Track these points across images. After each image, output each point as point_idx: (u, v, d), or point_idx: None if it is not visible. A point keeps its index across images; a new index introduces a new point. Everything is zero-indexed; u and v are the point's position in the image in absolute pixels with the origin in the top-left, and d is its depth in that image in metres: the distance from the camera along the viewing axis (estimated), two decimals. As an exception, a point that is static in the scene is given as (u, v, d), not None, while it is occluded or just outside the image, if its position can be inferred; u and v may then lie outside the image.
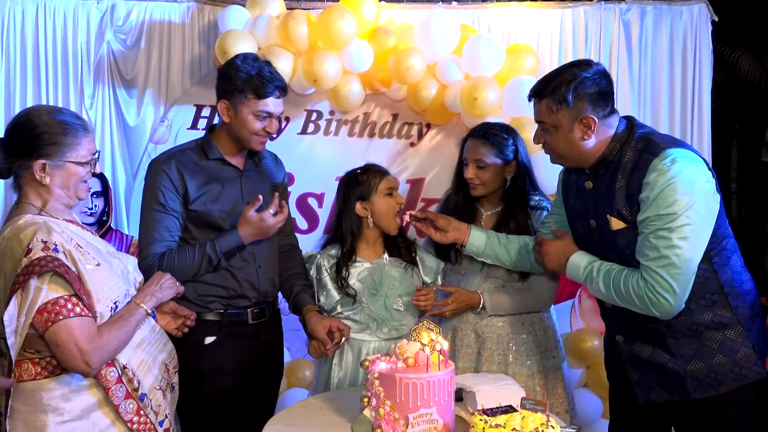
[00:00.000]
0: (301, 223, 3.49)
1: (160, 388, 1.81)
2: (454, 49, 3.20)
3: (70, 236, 1.70)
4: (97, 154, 1.82)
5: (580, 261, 1.96)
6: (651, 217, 1.78)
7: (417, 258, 2.43)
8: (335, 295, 2.33)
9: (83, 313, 1.62)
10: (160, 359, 1.84)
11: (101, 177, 3.38)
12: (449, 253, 2.47)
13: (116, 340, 1.68)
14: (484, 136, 2.38)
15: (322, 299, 2.34)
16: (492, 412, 1.59)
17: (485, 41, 3.18)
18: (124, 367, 1.72)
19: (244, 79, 2.12)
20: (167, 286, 1.91)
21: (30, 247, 1.60)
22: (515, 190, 2.41)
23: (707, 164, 1.86)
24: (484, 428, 1.50)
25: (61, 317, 1.59)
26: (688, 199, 1.75)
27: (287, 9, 3.30)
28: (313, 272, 2.37)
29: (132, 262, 1.93)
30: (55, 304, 1.59)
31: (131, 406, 1.72)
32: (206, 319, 2.17)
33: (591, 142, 1.89)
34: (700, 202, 1.77)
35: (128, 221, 3.46)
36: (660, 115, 3.48)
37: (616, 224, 1.88)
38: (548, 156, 2.98)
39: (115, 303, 1.74)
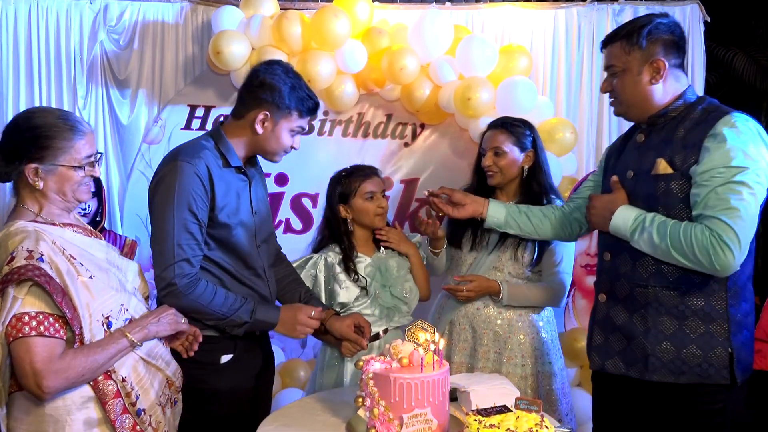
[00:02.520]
0: (296, 223, 3.49)
1: (160, 404, 1.74)
2: (448, 49, 3.21)
3: (63, 246, 1.63)
4: (96, 157, 1.74)
5: (629, 212, 1.86)
6: (719, 168, 1.70)
7: None
8: (355, 288, 2.33)
9: (47, 333, 1.53)
10: (163, 374, 1.77)
11: (95, 177, 3.36)
12: (461, 241, 2.48)
13: (81, 367, 1.55)
14: (502, 126, 2.46)
15: (341, 295, 2.33)
16: (486, 413, 1.59)
17: (479, 42, 3.19)
18: (123, 380, 1.64)
19: (294, 95, 2.00)
20: (166, 321, 1.78)
21: (14, 254, 1.55)
22: (532, 181, 2.44)
23: None
24: (478, 428, 1.50)
25: (21, 335, 1.50)
26: (759, 157, 1.71)
27: (281, 9, 3.30)
28: (321, 272, 2.37)
29: (133, 268, 1.84)
30: (19, 319, 1.51)
31: (128, 421, 1.64)
32: (221, 337, 2.03)
33: (659, 88, 1.85)
34: (767, 168, 1.73)
35: (122, 221, 3.45)
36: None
37: (664, 168, 1.82)
38: (557, 158, 2.94)
39: (107, 318, 1.65)
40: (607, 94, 1.98)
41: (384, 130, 3.50)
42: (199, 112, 3.46)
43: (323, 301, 2.34)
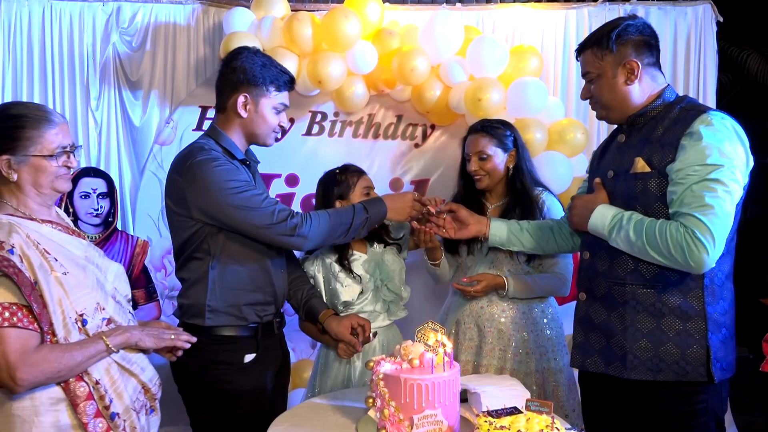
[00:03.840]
0: (306, 223, 3.50)
1: (135, 410, 1.70)
2: (458, 50, 3.20)
3: (38, 240, 1.61)
4: (72, 148, 1.70)
5: (607, 210, 1.87)
6: (694, 166, 1.72)
7: (391, 231, 2.52)
8: (356, 286, 2.34)
9: (21, 324, 1.51)
10: (137, 380, 1.73)
11: (107, 178, 3.39)
12: (458, 247, 2.52)
13: (56, 363, 1.53)
14: (483, 130, 2.50)
15: (344, 293, 2.34)
16: (497, 414, 1.58)
17: (489, 42, 3.18)
18: (97, 383, 1.62)
19: (266, 71, 2.04)
20: (152, 333, 1.75)
21: None
22: (517, 179, 2.49)
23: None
24: (489, 429, 1.49)
25: None
26: (735, 155, 1.73)
27: (291, 10, 3.30)
28: (318, 272, 2.38)
29: (114, 269, 1.80)
30: None
31: (101, 425, 1.61)
32: (243, 337, 2.06)
33: (635, 88, 1.88)
34: (742, 166, 1.76)
35: (134, 222, 3.46)
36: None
37: (642, 167, 1.84)
38: (551, 157, 2.98)
39: (81, 315, 1.62)
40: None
41: (394, 131, 3.50)
42: (211, 113, 3.47)
43: (324, 300, 2.35)
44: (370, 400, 1.72)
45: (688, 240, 1.70)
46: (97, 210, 3.00)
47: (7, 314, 1.51)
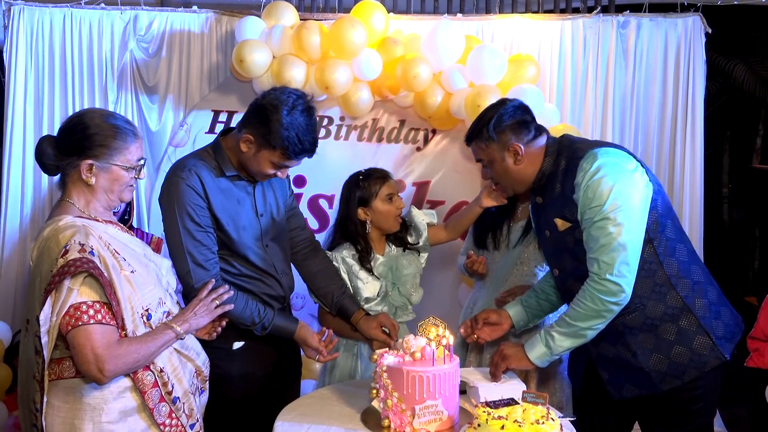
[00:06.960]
0: (313, 223, 3.50)
1: (192, 393, 1.75)
2: (459, 58, 3.20)
3: (108, 241, 1.64)
4: (143, 161, 1.75)
5: (533, 344, 1.91)
6: (585, 212, 1.83)
7: (411, 233, 2.49)
8: (376, 282, 2.32)
9: (104, 321, 1.56)
10: (193, 364, 1.79)
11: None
12: (486, 240, 2.52)
13: (135, 353, 1.59)
14: None
15: (365, 290, 2.32)
16: (495, 405, 1.59)
17: (489, 51, 3.18)
18: (161, 371, 1.67)
19: (281, 139, 1.92)
20: (201, 313, 1.84)
21: (67, 248, 1.56)
22: None
23: (634, 157, 1.91)
24: (487, 419, 1.50)
25: (80, 323, 1.53)
26: (612, 187, 1.80)
27: (301, 20, 3.30)
28: (341, 270, 2.36)
29: (165, 264, 1.84)
30: (77, 308, 1.53)
31: (164, 409, 1.66)
32: (232, 325, 2.06)
33: (525, 165, 1.96)
34: (626, 188, 1.81)
35: (148, 220, 3.48)
36: (653, 122, 3.48)
37: (562, 225, 1.93)
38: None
39: (147, 310, 1.67)
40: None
41: (397, 135, 3.50)
42: (223, 117, 3.48)
43: None
44: (374, 391, 1.73)
45: (594, 286, 1.81)
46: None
47: (92, 312, 1.55)
